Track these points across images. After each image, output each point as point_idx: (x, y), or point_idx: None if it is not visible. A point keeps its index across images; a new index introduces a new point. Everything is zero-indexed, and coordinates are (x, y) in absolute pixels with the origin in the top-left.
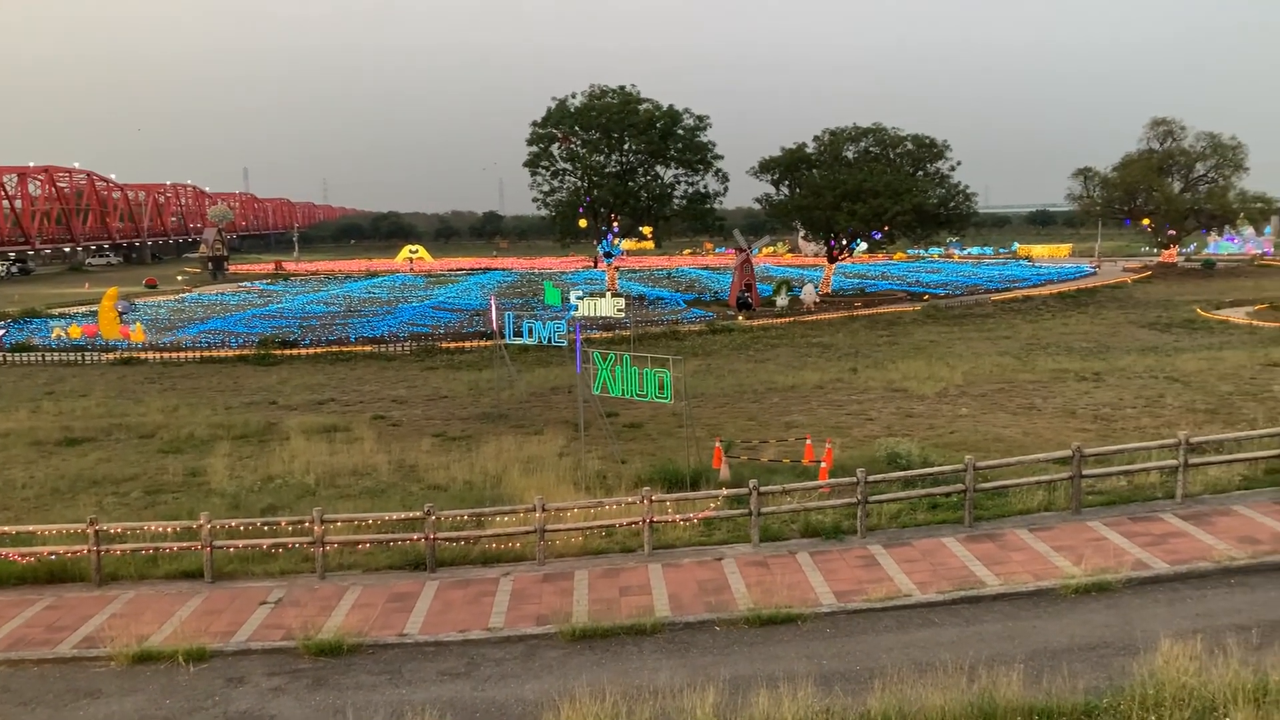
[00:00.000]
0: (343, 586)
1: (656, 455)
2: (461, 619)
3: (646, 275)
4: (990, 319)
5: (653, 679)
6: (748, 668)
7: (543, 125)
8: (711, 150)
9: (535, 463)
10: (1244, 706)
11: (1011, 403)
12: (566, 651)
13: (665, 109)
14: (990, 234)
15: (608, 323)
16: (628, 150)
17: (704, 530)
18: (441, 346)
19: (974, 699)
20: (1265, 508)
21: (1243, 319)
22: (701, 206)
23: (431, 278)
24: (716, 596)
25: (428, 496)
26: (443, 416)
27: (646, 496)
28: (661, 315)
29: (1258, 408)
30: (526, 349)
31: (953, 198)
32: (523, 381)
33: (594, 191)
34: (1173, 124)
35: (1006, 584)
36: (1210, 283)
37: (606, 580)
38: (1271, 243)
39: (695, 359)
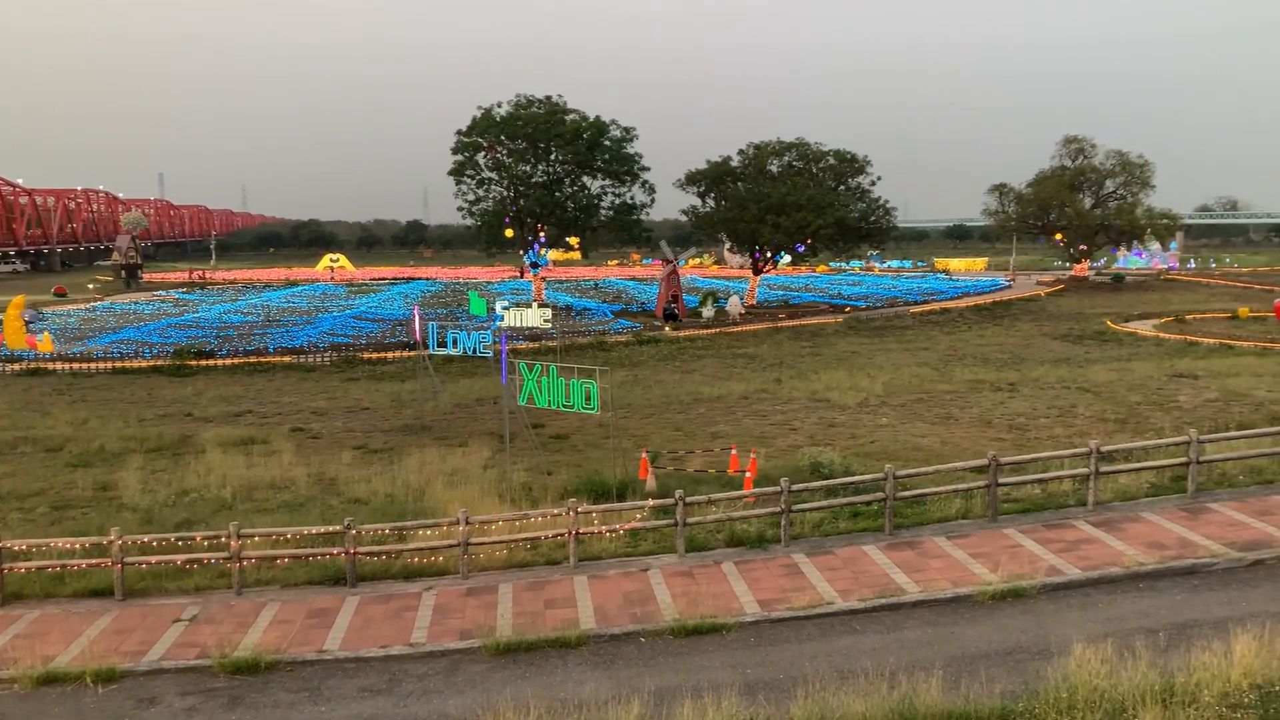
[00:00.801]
0: (260, 602)
1: (583, 466)
2: (383, 634)
3: (573, 286)
4: (909, 331)
5: (578, 692)
6: (673, 678)
7: (468, 134)
8: (638, 162)
9: (459, 475)
10: (1152, 707)
11: (930, 412)
12: (490, 666)
13: (592, 120)
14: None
15: (534, 333)
16: (554, 160)
17: (630, 541)
18: (363, 357)
19: (895, 705)
20: (1171, 514)
21: (1150, 331)
22: (628, 217)
23: (353, 287)
24: (642, 608)
25: (348, 510)
26: (364, 429)
27: (572, 508)
28: (588, 326)
29: (1164, 417)
30: (451, 360)
31: (873, 212)
32: (446, 393)
33: (520, 201)
34: (1084, 142)
35: (926, 591)
36: (1119, 296)
37: (531, 593)
38: (1177, 258)
39: (622, 370)
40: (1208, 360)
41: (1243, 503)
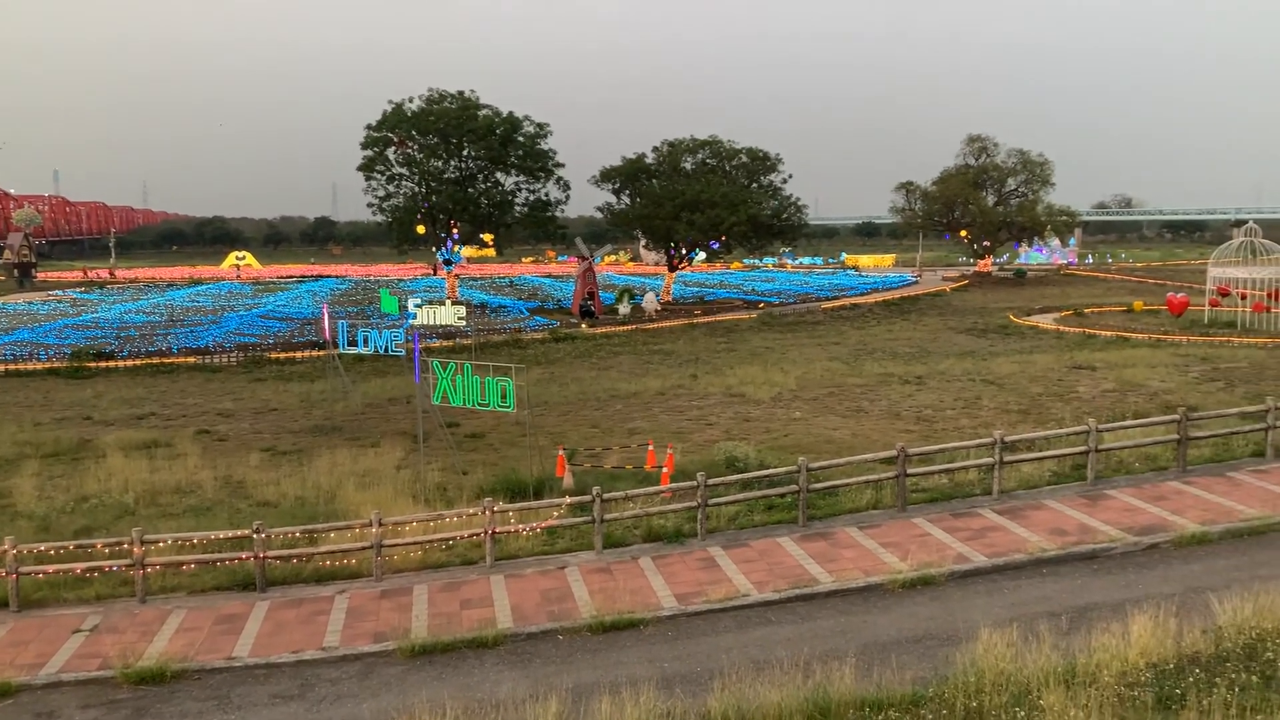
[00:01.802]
0: (166, 610)
1: (499, 465)
2: (295, 639)
3: (488, 283)
4: (821, 326)
5: (495, 692)
6: (591, 675)
7: (378, 129)
8: (553, 158)
9: (372, 476)
10: (1055, 688)
11: (841, 405)
12: (406, 668)
13: (505, 115)
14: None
15: (448, 331)
16: (467, 156)
17: (547, 539)
18: (271, 357)
19: (809, 694)
20: (1072, 501)
21: (1050, 325)
22: (543, 214)
23: (260, 285)
24: (560, 605)
25: (257, 514)
26: (272, 430)
27: (488, 507)
28: (504, 323)
29: (1064, 407)
30: (362, 359)
31: (785, 209)
32: (358, 392)
33: (432, 197)
34: (987, 140)
35: (839, 581)
36: (1021, 291)
37: (447, 594)
38: (1075, 253)
39: (538, 367)
40: (1105, 352)
41: (1139, 489)
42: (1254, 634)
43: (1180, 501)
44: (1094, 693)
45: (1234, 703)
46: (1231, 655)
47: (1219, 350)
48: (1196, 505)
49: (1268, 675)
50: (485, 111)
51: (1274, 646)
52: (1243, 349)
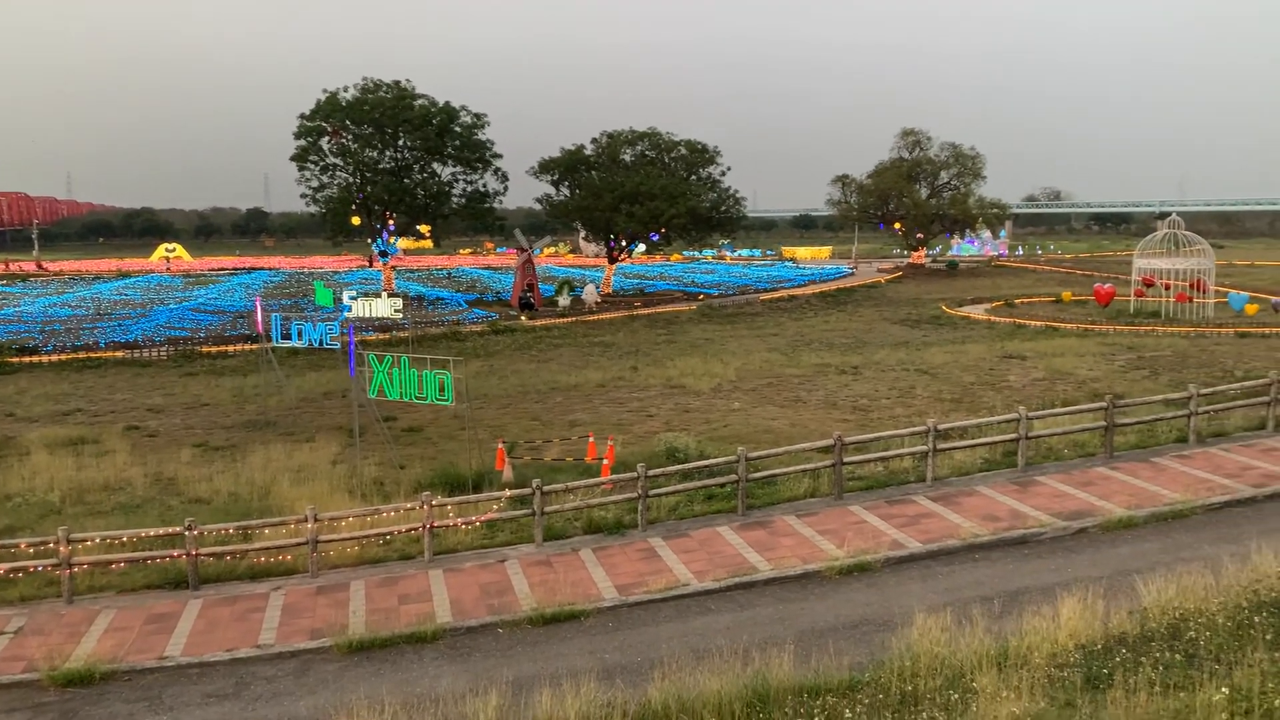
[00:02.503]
0: (94, 610)
1: (437, 459)
2: (229, 637)
3: (425, 275)
4: (760, 317)
5: (434, 686)
6: (531, 668)
7: (311, 118)
8: (490, 149)
9: (307, 471)
10: (988, 671)
11: (779, 396)
12: (343, 665)
13: (441, 105)
14: (758, 237)
15: (384, 324)
16: (403, 146)
17: (487, 533)
18: (202, 351)
19: (748, 681)
20: (1003, 487)
21: (982, 315)
22: (481, 205)
23: (190, 278)
24: (500, 599)
25: (189, 511)
26: (204, 426)
27: (426, 501)
28: (441, 316)
29: (995, 396)
30: (296, 352)
31: (724, 202)
32: (292, 387)
33: (367, 188)
34: (920, 134)
35: (777, 569)
36: (954, 282)
37: (385, 589)
38: (1006, 245)
39: (477, 360)
40: (1035, 341)
41: (1067, 475)
42: (1177, 614)
43: (1107, 487)
44: (1025, 674)
45: (1158, 681)
46: (1156, 635)
47: (1144, 339)
48: (1123, 490)
49: (1190, 654)
50: (421, 101)
51: (1196, 626)
52: (1166, 338)
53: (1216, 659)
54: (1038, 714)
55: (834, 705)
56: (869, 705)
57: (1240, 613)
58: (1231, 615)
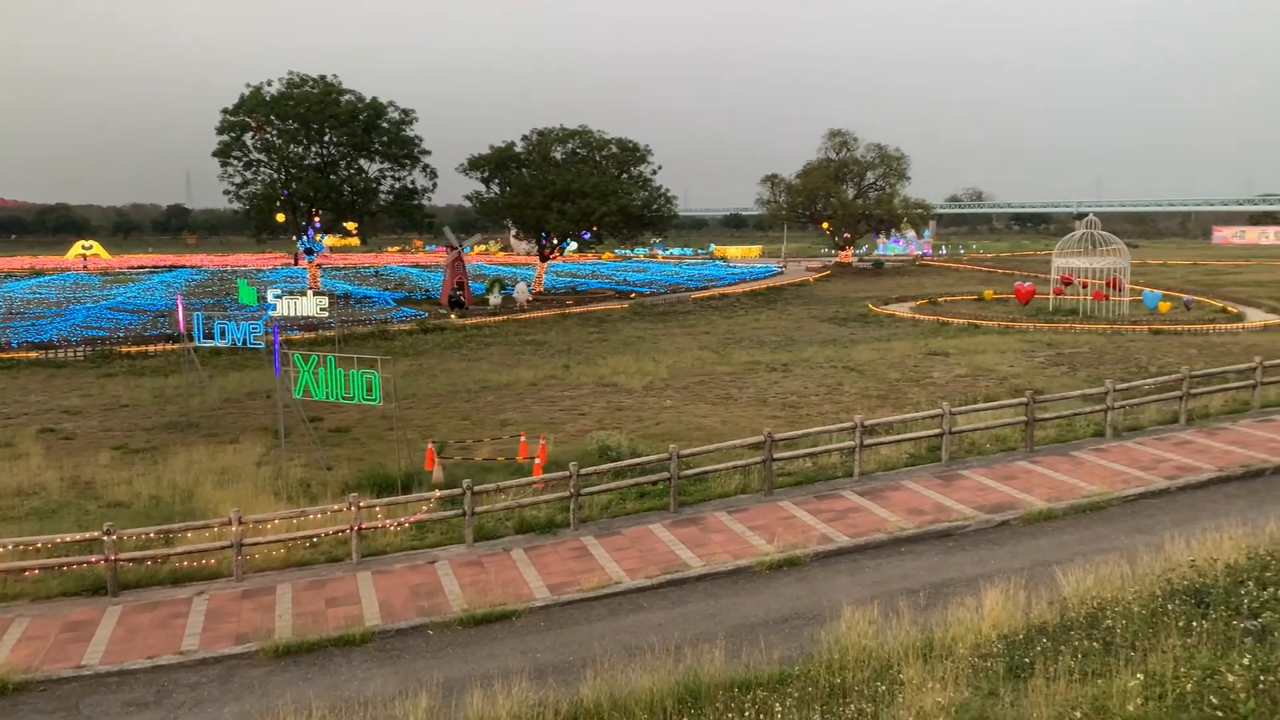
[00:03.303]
0: (6, 619)
1: (365, 460)
2: (150, 644)
3: (352, 273)
4: (691, 315)
5: (363, 689)
6: (462, 669)
7: (234, 113)
8: (418, 145)
9: (231, 473)
10: (914, 662)
11: (711, 393)
12: (269, 669)
13: (369, 101)
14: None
15: (310, 323)
16: (329, 142)
17: (417, 534)
18: (121, 351)
19: (680, 678)
20: (928, 481)
21: (907, 313)
22: (409, 202)
23: (109, 276)
24: (430, 600)
25: (108, 515)
26: (124, 427)
27: (354, 503)
28: (369, 314)
29: (920, 392)
30: (219, 352)
31: (655, 200)
32: (215, 387)
33: (292, 184)
34: (847, 135)
35: (708, 565)
36: (880, 281)
37: (312, 592)
38: (930, 244)
39: (406, 359)
40: (958, 339)
41: (990, 469)
42: (1095, 604)
43: (1028, 480)
44: (950, 665)
45: (1077, 669)
46: (1075, 624)
47: (1062, 336)
48: (1043, 483)
49: (1108, 641)
50: (348, 97)
51: (1113, 615)
52: (1084, 334)
53: (1132, 646)
54: (962, 704)
55: (764, 699)
56: (798, 698)
57: (1154, 601)
58: (1146, 603)
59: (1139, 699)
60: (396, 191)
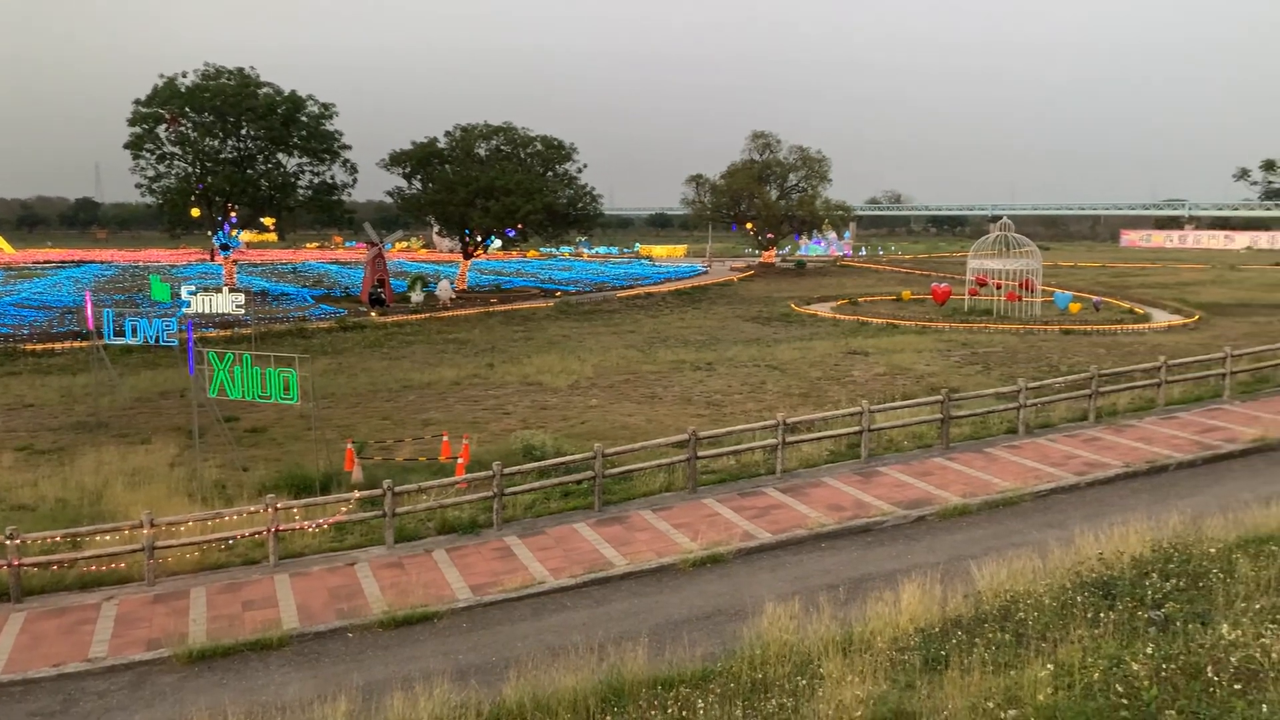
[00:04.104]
0: None
1: (283, 460)
2: (56, 651)
3: (269, 269)
4: (617, 314)
5: (280, 694)
6: (383, 671)
7: (147, 104)
8: (339, 140)
9: (143, 475)
10: (834, 656)
11: (636, 392)
12: (183, 675)
13: (288, 94)
14: (615, 234)
15: (225, 320)
16: (246, 136)
17: (336, 535)
18: (25, 349)
19: (604, 676)
20: (848, 478)
21: (828, 313)
22: (329, 198)
23: (12, 271)
24: (349, 602)
25: (11, 519)
26: (29, 428)
27: (271, 504)
28: (287, 312)
29: (841, 391)
30: (130, 350)
31: (580, 198)
32: (126, 386)
33: (207, 179)
34: (770, 137)
35: (632, 563)
36: (802, 281)
37: (228, 595)
38: (850, 246)
39: (325, 357)
40: (877, 338)
41: (907, 465)
42: (1008, 597)
43: (944, 476)
44: (869, 658)
45: (990, 660)
46: (989, 617)
47: (977, 336)
48: (958, 480)
49: (1020, 633)
50: (266, 90)
51: (1025, 607)
52: (998, 334)
53: (1043, 637)
54: (880, 696)
55: (687, 696)
56: (721, 694)
57: (1064, 593)
58: (1057, 596)
59: (1049, 689)
60: (316, 187)
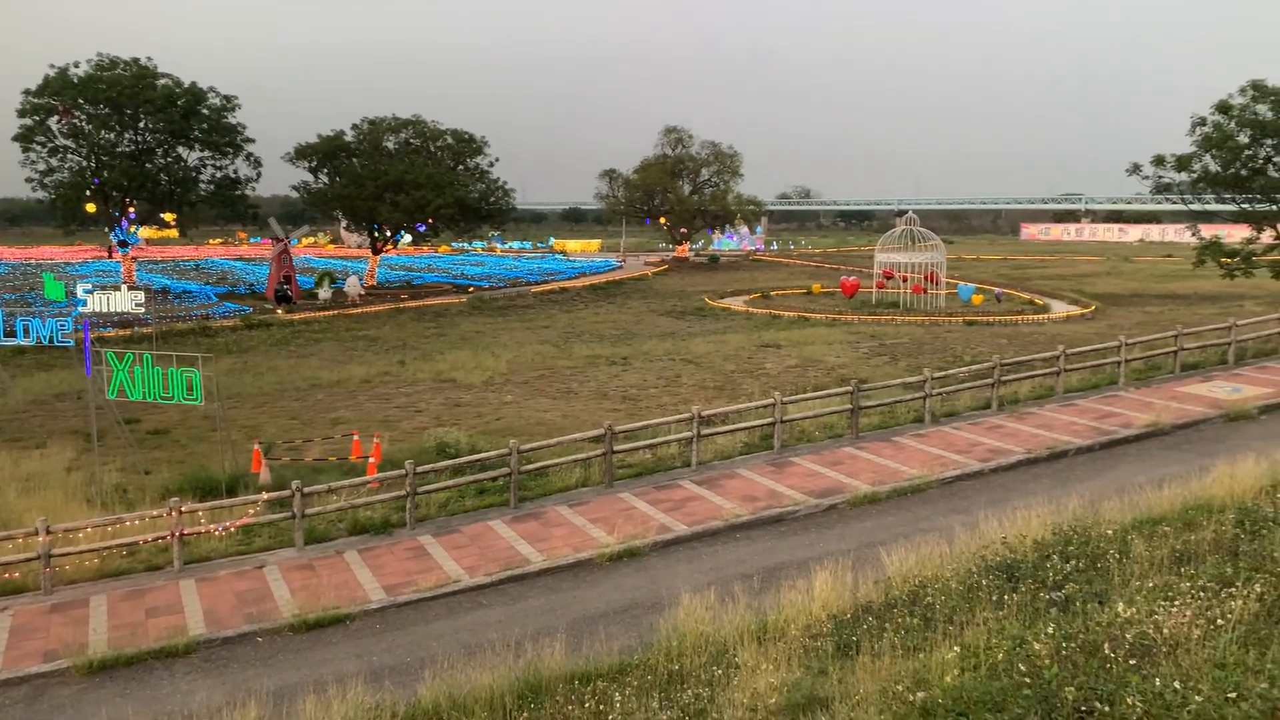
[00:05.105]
0: None
1: (187, 463)
2: None
3: (171, 266)
4: (531, 310)
5: (187, 703)
6: (294, 675)
7: (39, 95)
8: (242, 133)
9: (37, 480)
10: (749, 645)
11: (552, 388)
12: (83, 687)
13: (188, 86)
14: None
15: (125, 319)
16: (144, 129)
17: (244, 538)
18: None
19: (520, 673)
20: (761, 469)
21: (741, 307)
22: (232, 192)
23: None
24: (258, 606)
25: None
26: None
27: (175, 508)
28: (189, 310)
29: (754, 383)
30: (23, 351)
31: (493, 193)
32: (18, 388)
33: (104, 173)
34: (682, 132)
35: (549, 559)
36: (715, 275)
37: (130, 603)
38: (762, 240)
39: (230, 356)
40: (788, 331)
41: (818, 455)
42: (917, 582)
43: (854, 465)
44: (783, 646)
45: (900, 644)
46: (899, 602)
47: (885, 328)
48: (868, 468)
49: (928, 617)
50: (165, 81)
51: (933, 591)
52: (904, 326)
53: (950, 620)
54: (793, 683)
55: (604, 690)
56: (638, 687)
57: (970, 577)
58: (963, 580)
59: (956, 670)
60: (218, 181)
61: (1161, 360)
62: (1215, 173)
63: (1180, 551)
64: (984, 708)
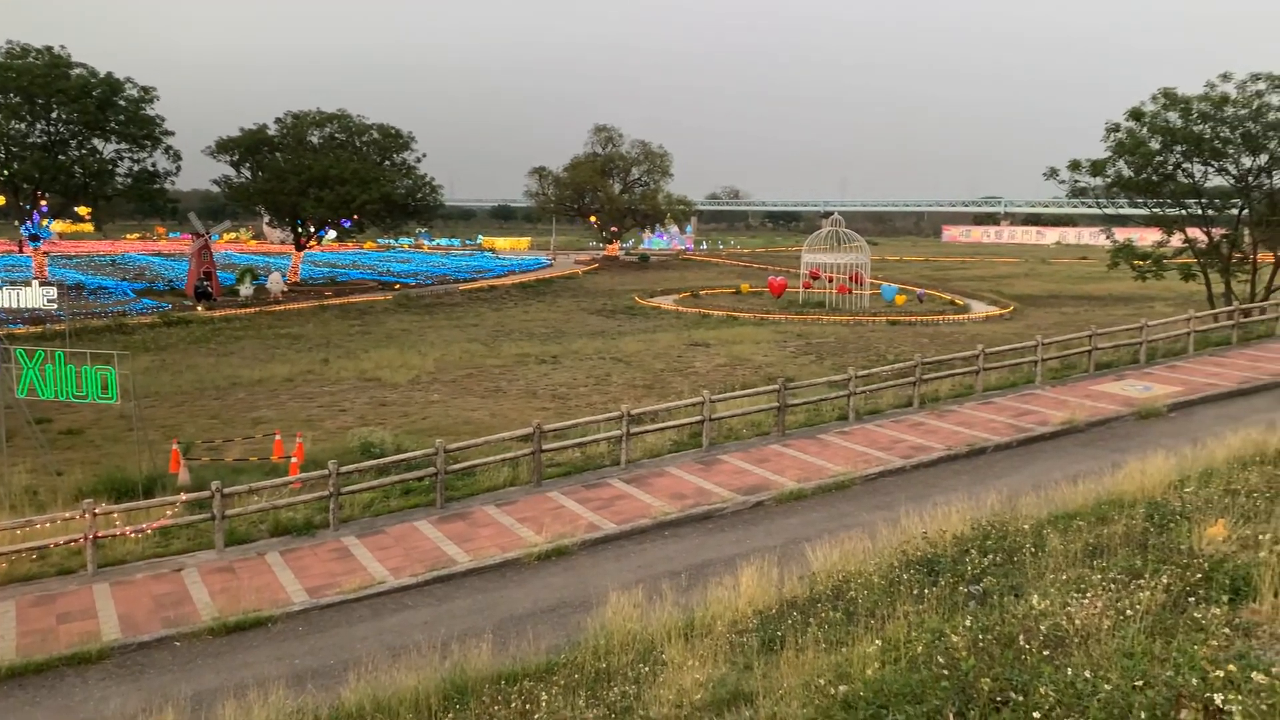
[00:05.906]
0: None
1: (102, 463)
2: None
3: (86, 261)
4: (459, 308)
5: (100, 710)
6: (214, 680)
7: None
8: (160, 125)
9: None
10: (677, 642)
11: (480, 387)
12: None
13: (103, 76)
14: (457, 226)
15: (36, 315)
16: (57, 120)
17: (161, 541)
18: None
19: (446, 674)
20: (690, 467)
21: (671, 306)
22: (149, 186)
23: None
24: (176, 610)
25: None
26: None
27: (88, 510)
28: (105, 306)
29: (684, 381)
30: None
31: (420, 189)
32: None
33: (13, 165)
34: (612, 131)
35: (476, 559)
36: (646, 274)
37: (40, 608)
38: (692, 240)
39: (147, 354)
40: (718, 330)
41: (746, 452)
42: (840, 577)
43: (781, 463)
44: (709, 642)
45: (823, 639)
46: (823, 597)
47: (811, 327)
48: (794, 465)
49: (850, 611)
50: (79, 71)
51: (856, 586)
52: (830, 326)
53: (872, 614)
54: (719, 679)
55: (530, 689)
56: (564, 685)
57: (892, 571)
58: (885, 574)
59: (877, 663)
60: (135, 174)
61: (1077, 359)
62: (1128, 178)
63: (1093, 545)
64: (904, 699)
